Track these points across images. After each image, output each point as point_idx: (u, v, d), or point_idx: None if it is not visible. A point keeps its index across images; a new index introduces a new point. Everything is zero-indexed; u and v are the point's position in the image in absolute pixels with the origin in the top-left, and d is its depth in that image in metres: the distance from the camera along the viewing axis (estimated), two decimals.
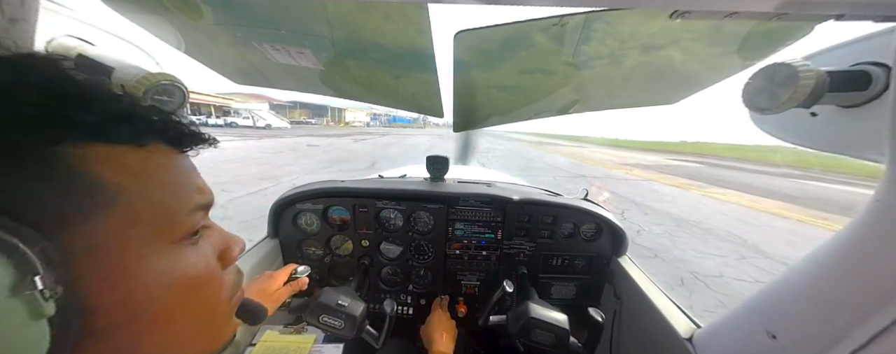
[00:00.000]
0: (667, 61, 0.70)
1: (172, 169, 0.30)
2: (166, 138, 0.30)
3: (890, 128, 0.39)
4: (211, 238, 0.34)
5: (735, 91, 0.52)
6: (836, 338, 0.46)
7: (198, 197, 0.31)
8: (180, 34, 0.70)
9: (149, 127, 0.28)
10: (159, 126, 0.29)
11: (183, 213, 0.29)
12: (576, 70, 0.73)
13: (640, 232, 5.01)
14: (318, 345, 0.96)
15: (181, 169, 0.31)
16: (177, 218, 0.28)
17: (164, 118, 0.31)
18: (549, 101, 0.93)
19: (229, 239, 0.37)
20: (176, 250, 0.28)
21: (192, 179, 0.32)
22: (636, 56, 0.67)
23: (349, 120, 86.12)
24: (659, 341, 0.84)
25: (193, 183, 0.31)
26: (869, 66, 0.45)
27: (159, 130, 0.29)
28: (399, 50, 0.66)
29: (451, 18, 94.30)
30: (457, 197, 1.14)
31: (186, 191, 0.30)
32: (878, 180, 0.42)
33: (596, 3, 0.41)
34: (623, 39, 0.61)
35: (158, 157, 0.29)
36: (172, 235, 0.28)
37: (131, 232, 0.25)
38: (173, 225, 0.28)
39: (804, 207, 7.78)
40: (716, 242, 4.80)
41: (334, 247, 1.20)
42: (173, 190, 0.29)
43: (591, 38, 0.60)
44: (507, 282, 0.91)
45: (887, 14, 0.38)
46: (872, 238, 0.42)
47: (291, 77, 0.90)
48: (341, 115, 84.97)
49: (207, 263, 0.32)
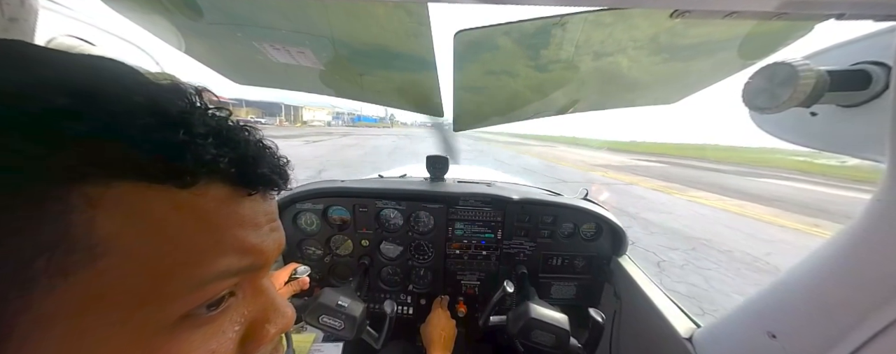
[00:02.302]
0: (667, 61, 0.70)
1: (210, 220, 0.21)
2: (228, 176, 0.22)
3: (890, 127, 0.39)
4: (244, 307, 0.25)
5: (728, 91, 0.52)
6: (837, 338, 0.46)
7: (232, 259, 0.22)
8: (180, 34, 0.69)
9: (211, 160, 0.20)
10: (226, 161, 0.21)
11: (193, 284, 0.20)
12: (576, 70, 0.73)
13: (661, 265, 3.95)
14: (318, 344, 0.96)
15: (226, 219, 0.22)
16: (178, 290, 0.20)
17: (243, 150, 0.23)
18: (548, 101, 0.93)
19: (271, 311, 0.27)
20: (168, 332, 0.20)
21: (233, 234, 0.22)
22: (636, 56, 0.67)
23: (307, 119, 77.55)
24: (659, 341, 0.84)
25: (234, 240, 0.22)
26: (869, 66, 0.45)
27: (222, 168, 0.21)
28: (399, 49, 0.66)
29: (451, 18, 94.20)
30: (457, 196, 1.14)
31: (215, 253, 0.21)
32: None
33: (596, 2, 0.41)
34: (623, 39, 0.61)
35: (200, 202, 0.21)
36: (166, 312, 0.19)
37: (97, 308, 0.17)
38: (170, 299, 0.19)
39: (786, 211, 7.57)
40: (750, 274, 3.86)
41: (334, 247, 1.20)
42: (192, 249, 0.20)
43: (592, 38, 0.60)
44: (508, 282, 0.91)
45: (887, 13, 0.37)
46: (873, 238, 0.42)
47: (291, 77, 0.90)
48: (298, 114, 76.94)
49: (214, 352, 0.22)
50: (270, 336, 0.26)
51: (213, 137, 0.21)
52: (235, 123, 0.24)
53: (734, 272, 3.91)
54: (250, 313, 0.25)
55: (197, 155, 0.20)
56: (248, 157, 0.23)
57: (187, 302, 0.20)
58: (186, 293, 0.20)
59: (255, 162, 0.24)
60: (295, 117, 73.39)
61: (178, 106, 0.20)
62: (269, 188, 0.26)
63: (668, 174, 14.15)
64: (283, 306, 0.28)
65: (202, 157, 0.20)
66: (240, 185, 0.23)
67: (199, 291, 0.20)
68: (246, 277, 0.24)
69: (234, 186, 0.23)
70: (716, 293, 3.40)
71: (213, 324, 0.22)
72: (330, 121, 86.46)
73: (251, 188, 0.24)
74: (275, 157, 0.26)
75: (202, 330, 0.21)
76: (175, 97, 0.21)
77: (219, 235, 0.21)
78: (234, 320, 0.24)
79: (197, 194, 0.20)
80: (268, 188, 0.26)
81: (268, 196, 0.26)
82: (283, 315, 0.28)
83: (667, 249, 4.52)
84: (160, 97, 0.20)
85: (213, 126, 0.21)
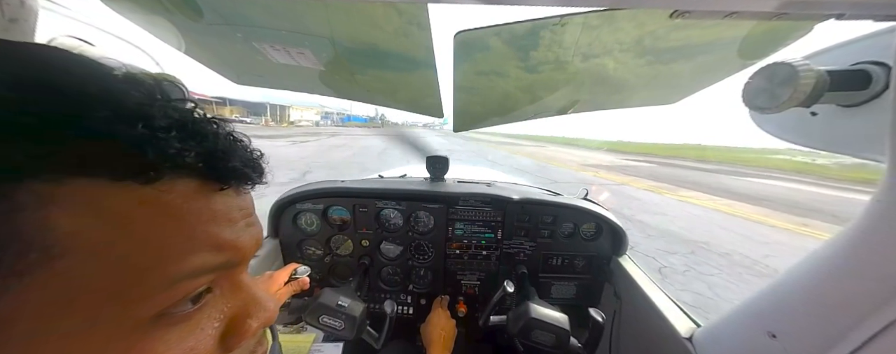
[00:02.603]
0: (667, 61, 0.70)
1: (179, 216, 0.20)
2: (196, 171, 0.21)
3: (890, 127, 0.39)
4: (223, 303, 0.25)
5: (731, 91, 0.52)
6: (837, 338, 0.46)
7: (206, 255, 0.21)
8: (180, 34, 0.69)
9: (176, 155, 0.20)
10: (193, 155, 0.21)
11: (165, 282, 0.19)
12: (576, 70, 0.73)
13: (664, 272, 3.91)
14: (318, 344, 0.96)
15: (197, 215, 0.21)
16: (150, 289, 0.19)
17: (212, 143, 0.22)
18: (548, 101, 0.93)
19: (251, 305, 0.26)
20: (142, 331, 0.19)
21: (206, 230, 0.22)
22: (637, 56, 0.67)
23: (295, 119, 73.87)
24: (659, 340, 0.84)
25: (207, 237, 0.22)
26: (869, 66, 0.45)
27: (188, 162, 0.21)
28: (399, 50, 0.66)
29: (451, 18, 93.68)
30: (457, 196, 1.14)
31: (187, 250, 0.20)
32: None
33: (596, 2, 0.41)
34: (623, 39, 0.61)
35: (167, 198, 0.20)
36: (138, 312, 0.19)
37: (63, 308, 0.16)
38: (142, 299, 0.19)
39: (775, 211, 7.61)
40: (753, 279, 3.85)
41: (334, 247, 1.20)
42: (162, 247, 0.19)
43: (591, 38, 0.60)
44: (508, 282, 0.91)
45: (887, 13, 0.37)
46: (873, 238, 0.42)
47: (291, 77, 0.90)
48: (284, 114, 73.58)
49: (191, 350, 0.21)
50: (253, 330, 0.26)
51: (176, 130, 0.20)
52: (202, 116, 0.23)
53: (737, 277, 3.87)
54: (230, 309, 0.25)
55: (159, 149, 0.19)
56: (217, 151, 0.22)
57: (161, 301, 0.19)
58: (160, 291, 0.19)
59: (225, 155, 0.23)
60: (281, 117, 70.73)
61: (135, 97, 0.19)
62: (242, 182, 0.25)
63: (657, 173, 14.20)
64: (265, 300, 0.28)
65: (165, 151, 0.19)
66: (210, 180, 0.22)
67: (172, 289, 0.20)
68: (222, 274, 0.24)
69: (204, 181, 0.22)
70: (722, 302, 3.32)
71: (190, 322, 0.22)
72: (318, 120, 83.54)
73: (222, 182, 0.23)
74: (247, 151, 0.26)
75: (179, 328, 0.21)
76: (131, 88, 0.20)
77: (190, 232, 0.21)
78: (212, 316, 0.24)
79: (162, 190, 0.19)
80: (240, 182, 0.25)
81: (241, 190, 0.26)
82: (265, 309, 0.27)
83: (666, 254, 4.46)
84: (115, 88, 0.19)
85: (177, 118, 0.21)
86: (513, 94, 0.88)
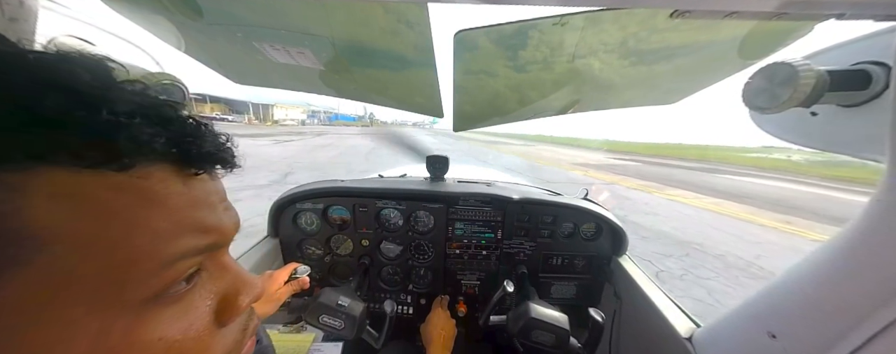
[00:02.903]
0: (667, 61, 0.70)
1: (162, 202, 0.21)
2: (170, 157, 0.22)
3: (890, 127, 0.39)
4: (212, 283, 0.25)
5: (732, 91, 0.52)
6: (837, 338, 0.46)
7: (192, 238, 0.22)
8: (180, 34, 0.70)
9: (148, 141, 0.20)
10: (163, 141, 0.21)
11: (157, 266, 0.20)
12: (576, 70, 0.73)
13: (661, 276, 3.88)
14: (317, 344, 0.96)
15: (178, 200, 0.22)
16: (143, 274, 0.19)
17: (179, 128, 0.22)
18: (548, 101, 0.93)
19: (239, 284, 0.27)
20: (136, 314, 0.19)
21: (190, 215, 0.22)
22: (637, 56, 0.67)
23: (279, 117, 71.38)
24: (659, 340, 0.84)
25: (192, 221, 0.22)
26: (869, 66, 0.45)
27: (160, 148, 0.21)
28: (399, 50, 0.66)
29: (451, 18, 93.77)
30: (457, 196, 1.14)
31: (174, 234, 0.21)
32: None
33: (596, 2, 0.41)
34: (623, 39, 0.61)
35: (146, 185, 0.20)
36: (132, 296, 0.19)
37: (54, 298, 0.17)
38: (136, 283, 0.19)
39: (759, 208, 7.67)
40: (749, 282, 3.84)
41: (334, 247, 1.20)
42: (150, 233, 0.20)
43: (592, 38, 0.60)
44: (508, 282, 0.91)
45: (887, 13, 0.37)
46: (873, 238, 0.42)
47: (291, 77, 0.90)
48: (268, 112, 70.91)
49: (189, 326, 0.22)
50: (244, 306, 0.27)
51: (140, 117, 0.20)
52: (163, 101, 0.23)
53: (734, 281, 3.86)
54: (220, 288, 0.26)
55: (131, 136, 0.19)
56: (186, 136, 0.23)
57: (155, 284, 0.20)
58: (153, 275, 0.20)
59: (196, 140, 0.23)
60: (265, 115, 69.04)
61: (88, 82, 0.19)
62: (216, 166, 0.26)
63: (643, 172, 14.26)
64: (252, 278, 0.29)
65: (138, 138, 0.19)
66: (184, 165, 0.23)
67: (165, 272, 0.20)
68: (209, 256, 0.25)
69: (179, 167, 0.22)
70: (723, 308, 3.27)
71: (184, 301, 0.23)
72: (304, 119, 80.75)
73: (197, 167, 0.23)
74: (215, 135, 0.26)
75: (175, 307, 0.22)
76: (86, 75, 0.19)
77: (175, 216, 0.21)
78: (204, 296, 0.24)
79: (140, 177, 0.20)
80: (214, 166, 0.26)
81: (214, 175, 0.26)
82: (253, 285, 0.28)
83: (662, 256, 4.42)
84: (69, 74, 0.18)
85: (138, 103, 0.20)
86: (513, 94, 0.88)
